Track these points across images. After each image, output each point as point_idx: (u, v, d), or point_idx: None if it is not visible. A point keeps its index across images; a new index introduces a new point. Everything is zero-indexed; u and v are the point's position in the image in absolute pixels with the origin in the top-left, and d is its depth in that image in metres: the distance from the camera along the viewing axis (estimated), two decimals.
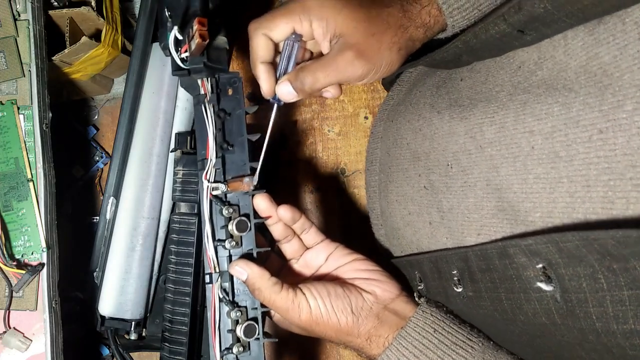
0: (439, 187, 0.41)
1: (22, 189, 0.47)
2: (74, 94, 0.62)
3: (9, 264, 0.45)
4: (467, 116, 0.37)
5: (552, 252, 0.28)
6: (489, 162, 0.35)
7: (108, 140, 0.64)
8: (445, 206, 0.40)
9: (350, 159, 0.65)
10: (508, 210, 0.33)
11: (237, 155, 0.43)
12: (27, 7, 0.48)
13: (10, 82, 0.48)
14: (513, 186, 0.33)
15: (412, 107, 0.47)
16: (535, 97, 0.31)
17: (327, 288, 0.40)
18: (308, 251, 0.45)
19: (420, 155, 0.44)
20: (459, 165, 0.38)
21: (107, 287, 0.54)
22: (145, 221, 0.55)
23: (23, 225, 0.47)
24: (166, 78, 0.57)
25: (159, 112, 0.56)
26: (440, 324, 0.39)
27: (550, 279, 0.29)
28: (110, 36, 0.55)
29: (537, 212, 0.31)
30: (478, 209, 0.36)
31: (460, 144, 0.38)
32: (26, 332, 0.46)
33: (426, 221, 0.43)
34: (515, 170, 0.32)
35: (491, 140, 0.35)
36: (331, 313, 0.39)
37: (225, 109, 0.43)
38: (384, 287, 0.41)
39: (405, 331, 0.39)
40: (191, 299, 0.53)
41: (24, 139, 0.48)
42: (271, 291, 0.39)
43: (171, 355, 0.53)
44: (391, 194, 0.50)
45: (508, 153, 0.33)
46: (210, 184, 0.41)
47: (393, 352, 0.39)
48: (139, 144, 0.56)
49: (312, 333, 0.41)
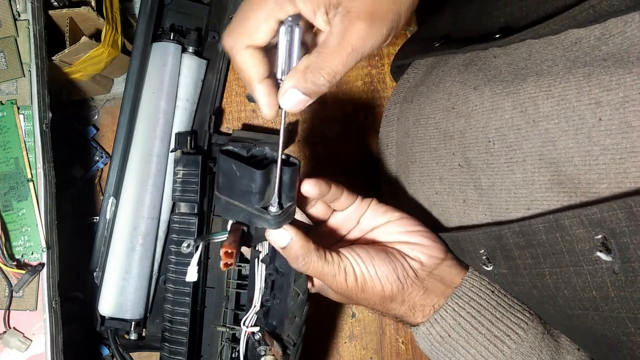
0: (477, 164, 0.39)
1: (22, 189, 0.47)
2: (74, 94, 0.62)
3: (9, 264, 0.45)
4: (515, 91, 0.35)
5: (619, 219, 0.27)
6: (543, 135, 0.33)
7: (108, 140, 0.64)
8: (485, 183, 0.38)
9: (350, 159, 0.65)
10: (566, 183, 0.32)
11: (281, 305, 0.40)
12: (27, 7, 0.48)
13: (10, 82, 0.48)
14: (574, 159, 0.31)
15: (436, 87, 0.45)
16: (601, 70, 0.30)
17: (369, 253, 0.37)
18: (336, 212, 0.41)
19: (454, 134, 0.41)
20: (503, 142, 0.36)
21: (107, 287, 0.54)
22: (145, 221, 0.55)
23: (23, 225, 0.47)
24: (166, 78, 0.57)
25: (159, 112, 0.56)
26: (495, 286, 0.38)
27: (609, 250, 0.28)
28: (110, 36, 0.54)
29: (602, 184, 0.30)
30: (527, 184, 0.34)
31: (506, 120, 0.36)
32: (26, 332, 0.46)
33: (459, 199, 0.41)
34: (576, 142, 0.31)
35: (547, 113, 0.33)
36: (375, 279, 0.36)
37: (279, 267, 0.40)
38: (428, 252, 0.38)
39: (461, 290, 0.37)
40: (191, 299, 0.53)
41: (24, 139, 0.48)
42: (317, 256, 0.35)
43: (171, 355, 0.53)
44: (413, 174, 0.48)
45: (568, 126, 0.31)
46: (248, 329, 0.40)
47: (448, 312, 0.37)
48: (139, 144, 0.56)
49: (355, 300, 0.39)
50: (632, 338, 0.29)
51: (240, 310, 0.55)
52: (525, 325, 0.38)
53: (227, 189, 0.35)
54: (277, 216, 0.34)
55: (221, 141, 0.60)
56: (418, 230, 0.40)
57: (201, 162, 0.54)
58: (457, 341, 0.38)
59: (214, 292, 0.56)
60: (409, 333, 0.63)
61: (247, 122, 0.66)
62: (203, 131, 0.60)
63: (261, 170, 0.33)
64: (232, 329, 0.54)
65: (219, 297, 0.55)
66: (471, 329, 0.38)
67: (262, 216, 0.34)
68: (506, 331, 0.37)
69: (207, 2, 0.61)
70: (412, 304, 0.38)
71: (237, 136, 0.60)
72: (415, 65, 0.54)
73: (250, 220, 0.35)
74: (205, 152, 0.59)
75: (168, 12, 0.59)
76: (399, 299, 0.37)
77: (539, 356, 0.37)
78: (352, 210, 0.41)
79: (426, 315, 0.38)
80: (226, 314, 0.54)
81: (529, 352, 0.37)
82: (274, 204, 0.34)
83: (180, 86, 0.58)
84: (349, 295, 0.38)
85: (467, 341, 0.38)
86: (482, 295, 0.38)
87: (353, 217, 0.41)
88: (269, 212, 0.34)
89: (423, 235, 0.40)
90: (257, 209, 0.34)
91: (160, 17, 0.59)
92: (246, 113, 0.66)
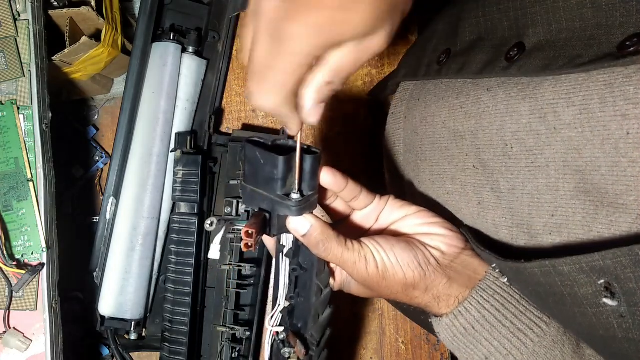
0: (495, 167, 0.38)
1: (22, 189, 0.47)
2: (74, 94, 0.62)
3: (9, 264, 0.45)
4: (532, 95, 0.35)
5: (623, 266, 0.27)
6: (566, 143, 0.32)
7: (108, 140, 0.64)
8: (504, 187, 0.37)
9: (350, 159, 0.65)
10: (592, 192, 0.31)
11: (305, 303, 0.40)
12: (27, 7, 0.48)
13: (10, 82, 0.48)
14: (601, 169, 0.30)
15: (446, 85, 0.45)
16: (623, 79, 0.29)
17: (390, 241, 0.37)
18: (356, 211, 0.42)
19: (465, 134, 0.41)
20: (522, 145, 0.36)
21: (107, 287, 0.54)
22: (145, 221, 0.55)
23: (23, 225, 0.47)
24: (166, 78, 0.57)
25: (159, 112, 0.56)
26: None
27: (614, 294, 0.28)
28: (110, 36, 0.54)
29: (630, 196, 0.29)
30: (552, 190, 0.34)
31: (524, 124, 0.35)
32: (26, 332, 0.46)
33: (473, 201, 0.41)
34: (603, 152, 0.30)
35: (569, 122, 0.32)
36: (397, 266, 0.36)
37: (302, 263, 0.40)
38: (448, 241, 0.39)
39: (486, 284, 0.37)
40: (191, 299, 0.53)
41: (24, 139, 0.48)
42: (338, 242, 0.36)
43: (171, 355, 0.53)
44: (423, 173, 0.47)
45: (592, 136, 0.30)
46: (273, 328, 0.39)
47: (473, 304, 0.37)
48: (139, 144, 0.56)
49: (378, 290, 0.38)
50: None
51: (241, 310, 0.55)
52: (547, 319, 0.37)
53: (251, 177, 0.36)
54: (299, 203, 0.35)
55: (221, 141, 0.60)
56: (436, 222, 0.40)
57: (201, 162, 0.54)
58: (480, 333, 0.38)
59: (214, 292, 0.56)
60: (409, 333, 0.63)
61: (247, 122, 0.66)
62: (203, 131, 0.60)
63: (284, 156, 0.34)
64: (232, 329, 0.54)
65: (219, 297, 0.55)
66: (495, 321, 0.37)
67: (284, 203, 0.35)
68: (529, 324, 0.37)
69: (207, 2, 0.61)
70: (437, 293, 0.38)
71: (237, 136, 0.60)
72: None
73: (273, 207, 0.36)
74: (205, 152, 0.59)
75: (168, 12, 0.59)
76: (422, 287, 0.37)
77: (561, 350, 0.37)
78: (371, 208, 0.41)
79: (450, 306, 0.38)
80: (226, 314, 0.54)
81: (552, 346, 0.37)
82: (295, 192, 0.35)
83: (180, 86, 0.58)
84: (371, 285, 0.38)
85: (491, 334, 0.37)
86: (506, 288, 0.37)
87: (372, 216, 0.41)
88: (290, 199, 0.35)
89: (441, 225, 0.40)
90: (279, 195, 0.35)
91: (160, 17, 0.59)
92: (246, 113, 0.66)
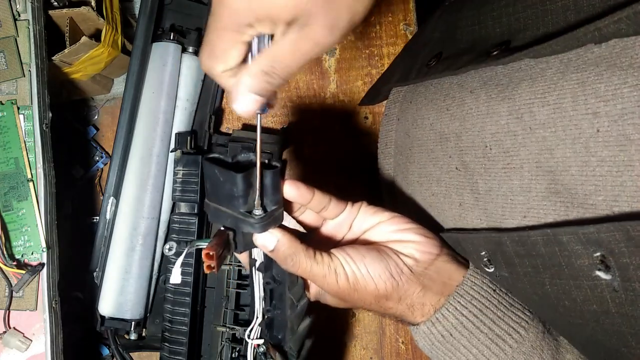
0: (475, 168, 0.38)
1: (22, 189, 0.47)
2: (74, 94, 0.62)
3: (9, 264, 0.45)
4: (510, 96, 0.35)
5: (617, 240, 0.27)
6: (540, 143, 0.33)
7: (108, 140, 0.64)
8: (482, 188, 0.38)
9: (350, 159, 0.65)
10: (563, 193, 0.32)
11: (282, 316, 0.40)
12: (27, 7, 0.48)
13: (10, 82, 0.48)
14: (571, 168, 0.31)
15: (435, 87, 0.45)
16: (595, 77, 0.29)
17: (360, 252, 0.37)
18: (328, 220, 0.41)
19: (449, 136, 0.41)
20: (500, 147, 0.36)
21: (107, 287, 0.54)
22: (145, 221, 0.55)
23: (23, 225, 0.47)
24: (166, 78, 0.57)
25: (159, 112, 0.56)
26: (496, 285, 0.37)
27: (609, 268, 0.28)
28: (110, 36, 0.54)
29: (599, 196, 0.29)
30: (524, 191, 0.34)
31: (502, 125, 0.35)
32: (26, 332, 0.46)
33: (455, 202, 0.41)
34: (574, 152, 0.30)
35: (543, 122, 0.32)
36: (367, 278, 0.36)
37: (276, 275, 0.39)
38: (422, 248, 0.38)
39: (463, 289, 0.37)
40: (191, 299, 0.53)
41: (24, 139, 0.48)
42: (306, 256, 0.35)
43: (171, 355, 0.53)
44: (412, 175, 0.48)
45: (565, 135, 0.31)
46: (252, 341, 0.40)
47: (450, 311, 0.37)
48: (139, 144, 0.56)
49: (351, 302, 0.38)
50: (633, 351, 0.29)
51: (241, 310, 0.55)
52: (526, 325, 0.37)
53: (214, 195, 0.35)
54: (261, 219, 0.34)
55: (221, 141, 0.60)
56: (409, 228, 0.39)
57: (201, 162, 0.54)
58: (458, 340, 0.38)
59: (214, 292, 0.56)
60: (409, 333, 0.63)
61: (247, 122, 0.66)
62: (203, 131, 0.60)
63: (241, 173, 0.33)
64: (232, 329, 0.54)
65: (219, 297, 0.55)
66: (473, 328, 0.37)
67: (247, 220, 0.34)
68: (508, 330, 0.37)
69: (207, 2, 0.61)
70: (411, 302, 0.37)
71: (237, 136, 0.59)
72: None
73: (237, 224, 0.35)
74: (205, 152, 0.59)
75: (168, 12, 0.59)
76: (394, 297, 0.37)
77: (540, 355, 0.37)
78: (344, 217, 0.40)
79: (426, 314, 0.38)
80: (226, 314, 0.54)
81: (531, 351, 0.37)
82: (257, 208, 0.34)
83: (180, 86, 0.58)
84: (344, 297, 0.37)
85: (469, 340, 0.37)
86: (484, 294, 0.37)
87: (345, 224, 0.41)
88: (253, 215, 0.34)
89: (415, 232, 0.39)
90: (241, 212, 0.34)
91: (160, 17, 0.59)
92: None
